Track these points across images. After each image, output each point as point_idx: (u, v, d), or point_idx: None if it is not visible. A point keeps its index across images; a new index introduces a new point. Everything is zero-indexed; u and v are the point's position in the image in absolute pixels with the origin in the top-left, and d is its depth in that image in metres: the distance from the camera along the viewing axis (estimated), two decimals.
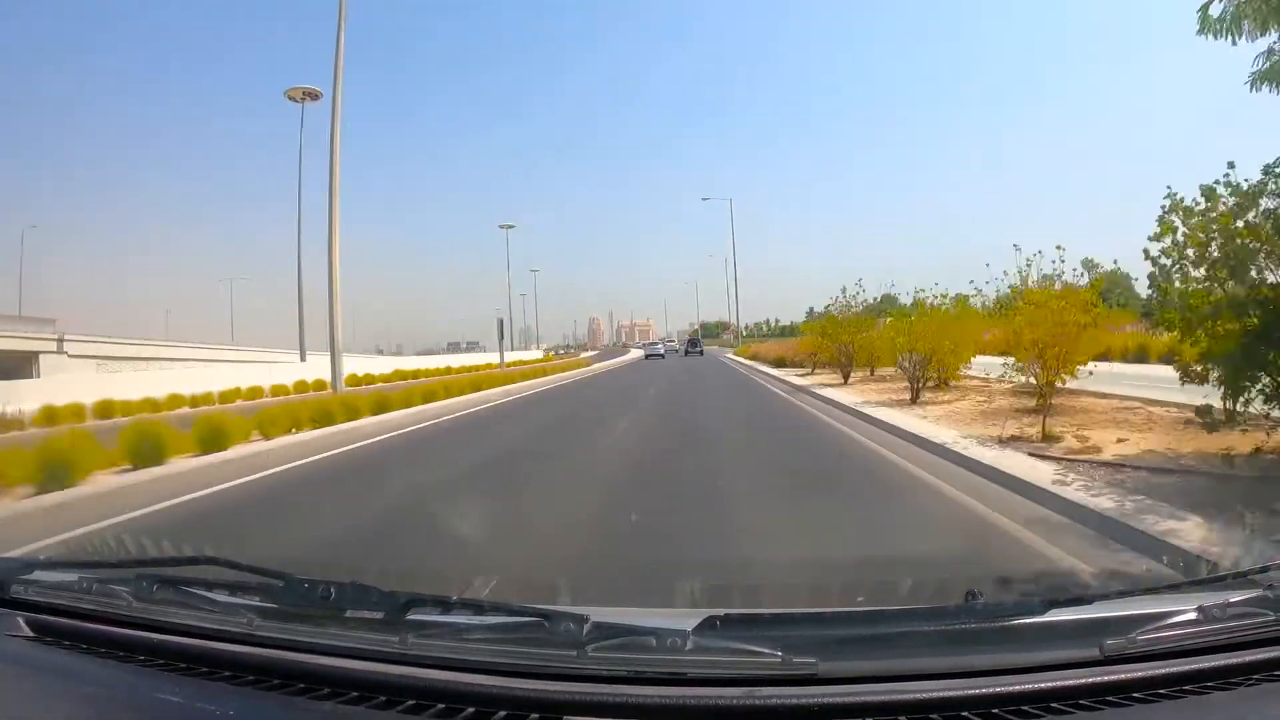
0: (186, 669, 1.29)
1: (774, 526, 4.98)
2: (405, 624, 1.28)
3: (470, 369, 37.48)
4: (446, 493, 6.79)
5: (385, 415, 13.47)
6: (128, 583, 1.48)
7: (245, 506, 6.60)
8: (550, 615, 1.25)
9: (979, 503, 5.38)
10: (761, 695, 1.10)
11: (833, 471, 7.25)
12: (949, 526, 4.91)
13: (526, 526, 5.19)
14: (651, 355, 53.05)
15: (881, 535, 4.69)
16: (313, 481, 7.84)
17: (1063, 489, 5.19)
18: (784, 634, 1.24)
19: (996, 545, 4.36)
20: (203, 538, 5.26)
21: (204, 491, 7.03)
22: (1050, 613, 1.24)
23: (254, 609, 1.38)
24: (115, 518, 5.96)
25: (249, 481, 7.66)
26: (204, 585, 1.47)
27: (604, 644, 1.18)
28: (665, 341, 66.82)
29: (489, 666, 1.19)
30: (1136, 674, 1.14)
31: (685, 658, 1.16)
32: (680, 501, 5.93)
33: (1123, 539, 4.11)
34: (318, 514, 6.27)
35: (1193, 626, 1.21)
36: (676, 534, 4.82)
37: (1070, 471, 5.78)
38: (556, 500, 6.17)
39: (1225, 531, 3.92)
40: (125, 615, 1.43)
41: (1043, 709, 1.08)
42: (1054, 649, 1.19)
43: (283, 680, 1.22)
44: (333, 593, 1.34)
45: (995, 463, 6.28)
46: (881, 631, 1.26)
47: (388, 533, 5.24)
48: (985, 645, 1.19)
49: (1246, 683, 1.15)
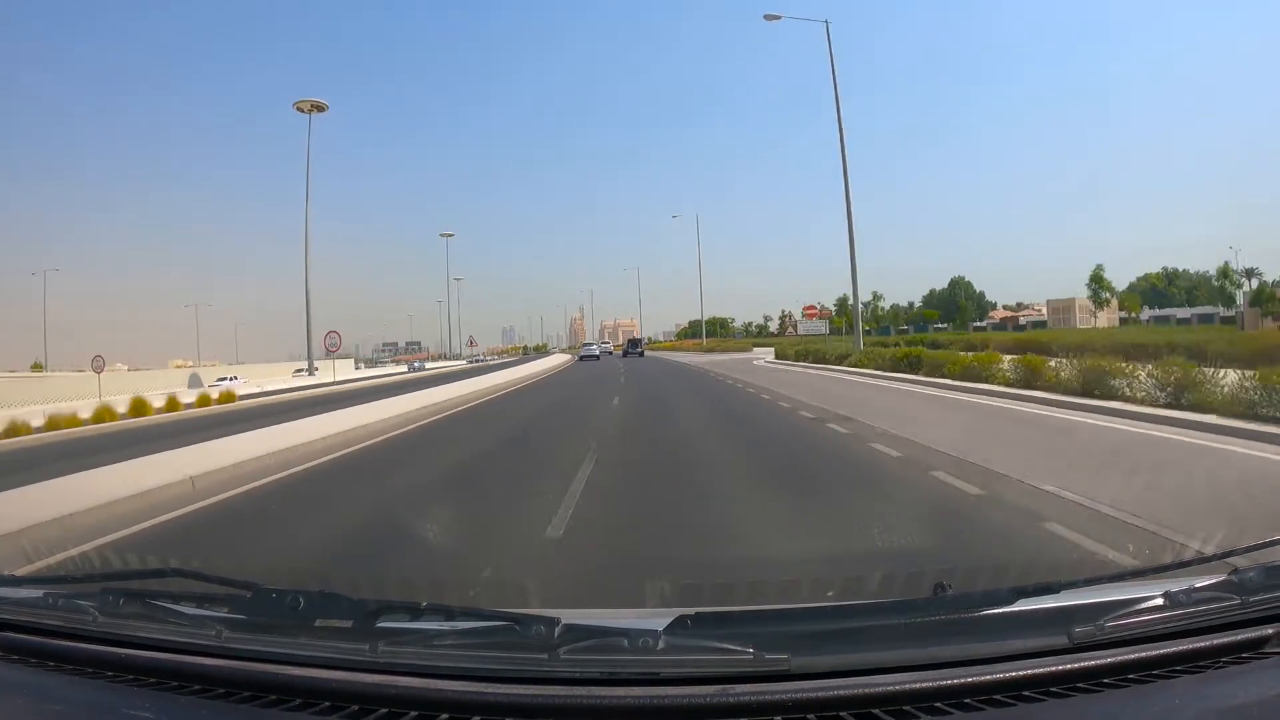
0: (156, 684, 1.27)
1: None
2: (376, 632, 1.26)
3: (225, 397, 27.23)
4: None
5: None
6: (93, 598, 1.46)
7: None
8: (521, 619, 1.25)
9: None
10: (735, 693, 1.10)
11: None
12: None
13: None
14: (586, 357, 53.75)
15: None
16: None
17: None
18: (755, 631, 1.24)
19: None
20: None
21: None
22: (1018, 603, 1.26)
23: (222, 621, 1.36)
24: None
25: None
26: (171, 598, 1.45)
27: (576, 646, 1.18)
28: (601, 344, 67.77)
29: (461, 672, 1.18)
30: (1106, 660, 1.15)
31: (658, 657, 1.16)
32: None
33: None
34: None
35: (1160, 612, 1.23)
36: None
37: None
38: None
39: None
40: (92, 631, 1.40)
41: (1015, 698, 1.09)
42: (1023, 638, 1.20)
43: (254, 692, 1.21)
44: (302, 602, 1.33)
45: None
46: (852, 626, 1.27)
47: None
48: (955, 637, 1.20)
49: (1214, 666, 1.17)
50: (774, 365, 32.61)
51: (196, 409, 24.46)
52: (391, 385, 32.27)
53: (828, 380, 20.32)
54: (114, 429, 18.84)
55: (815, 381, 19.95)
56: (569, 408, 16.44)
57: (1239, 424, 7.91)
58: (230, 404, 26.29)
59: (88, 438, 17.06)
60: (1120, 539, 4.00)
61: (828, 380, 20.32)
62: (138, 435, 16.25)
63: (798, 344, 36.79)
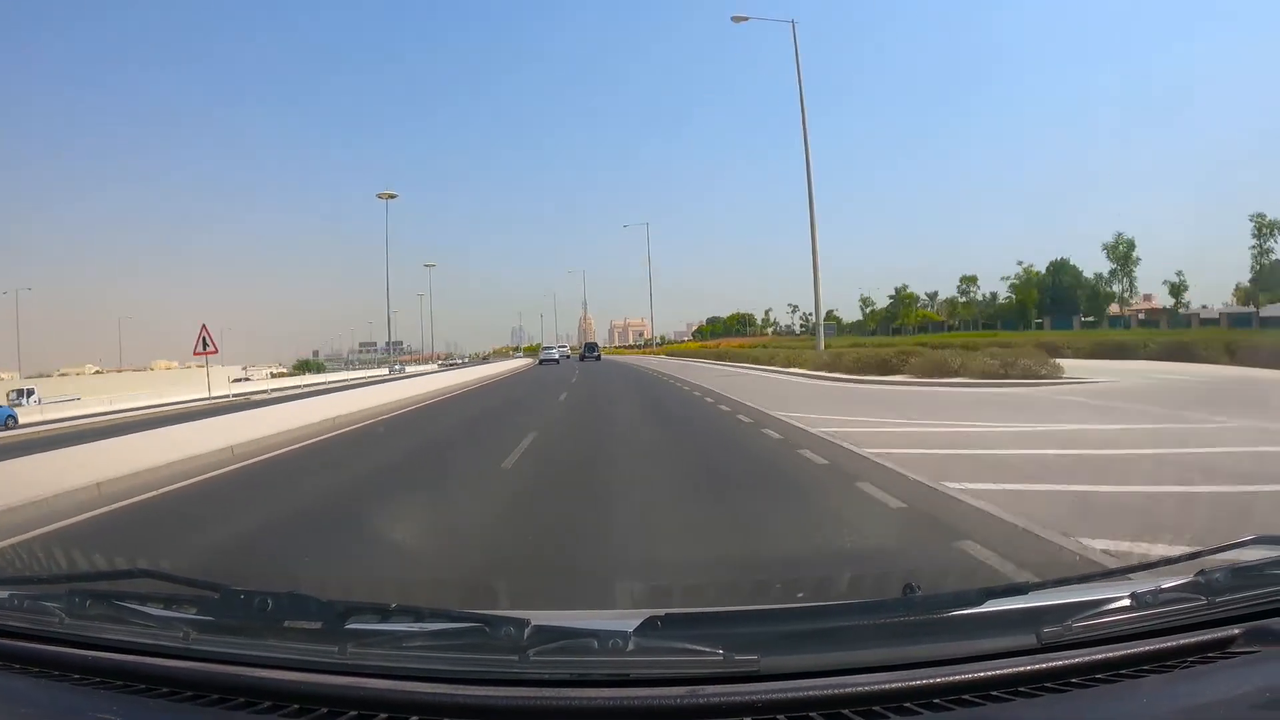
0: (123, 686, 1.25)
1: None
2: (344, 633, 1.25)
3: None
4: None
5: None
6: (59, 599, 1.44)
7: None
8: (491, 620, 1.24)
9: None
10: (705, 694, 1.10)
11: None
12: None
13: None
14: (546, 361, 54.69)
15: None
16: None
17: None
18: (725, 632, 1.24)
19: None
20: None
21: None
22: (987, 603, 1.27)
23: (190, 622, 1.34)
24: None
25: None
26: (138, 599, 1.43)
27: (546, 647, 1.17)
28: (559, 348, 68.60)
29: (431, 674, 1.18)
30: (1074, 660, 1.16)
31: (628, 659, 1.16)
32: None
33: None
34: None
35: (1127, 613, 1.24)
36: None
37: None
38: None
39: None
40: (58, 633, 1.38)
41: (984, 698, 1.10)
42: (992, 639, 1.21)
43: (222, 694, 1.20)
44: (270, 603, 1.31)
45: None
46: (822, 626, 1.27)
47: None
48: (925, 637, 1.21)
49: (1181, 665, 1.18)
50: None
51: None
52: (289, 397, 23.18)
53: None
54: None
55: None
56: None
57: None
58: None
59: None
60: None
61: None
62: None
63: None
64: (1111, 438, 8.22)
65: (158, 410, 27.36)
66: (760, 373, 26.66)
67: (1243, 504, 4.93)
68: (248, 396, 31.80)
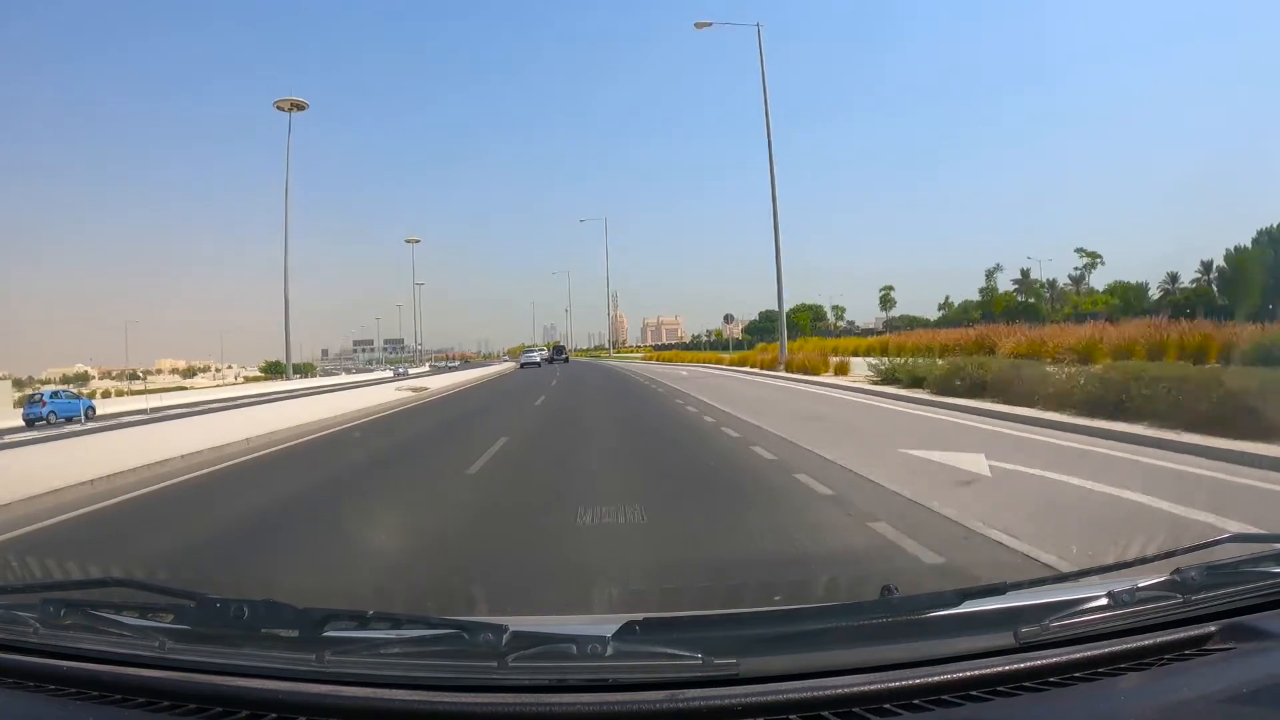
0: (99, 697, 1.24)
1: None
2: (322, 641, 1.24)
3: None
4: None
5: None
6: (33, 608, 1.42)
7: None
8: (469, 626, 1.23)
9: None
10: (684, 698, 1.10)
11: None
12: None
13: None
14: (527, 364, 55.49)
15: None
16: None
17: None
18: (704, 635, 1.24)
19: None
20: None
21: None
22: (965, 604, 1.27)
23: (166, 631, 1.33)
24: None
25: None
26: (113, 608, 1.41)
27: (524, 653, 1.17)
28: (539, 351, 69.21)
29: (409, 681, 1.17)
30: (1052, 659, 1.17)
31: (607, 664, 1.15)
32: None
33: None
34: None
35: (1104, 611, 1.25)
36: None
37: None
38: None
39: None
40: (32, 643, 1.36)
41: (962, 698, 1.10)
42: (970, 639, 1.21)
43: (199, 704, 1.18)
44: (246, 611, 1.30)
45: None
46: (800, 629, 1.28)
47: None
48: (903, 638, 1.21)
49: (1158, 663, 1.19)
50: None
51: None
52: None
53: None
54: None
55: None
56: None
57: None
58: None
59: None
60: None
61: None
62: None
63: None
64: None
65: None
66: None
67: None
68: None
